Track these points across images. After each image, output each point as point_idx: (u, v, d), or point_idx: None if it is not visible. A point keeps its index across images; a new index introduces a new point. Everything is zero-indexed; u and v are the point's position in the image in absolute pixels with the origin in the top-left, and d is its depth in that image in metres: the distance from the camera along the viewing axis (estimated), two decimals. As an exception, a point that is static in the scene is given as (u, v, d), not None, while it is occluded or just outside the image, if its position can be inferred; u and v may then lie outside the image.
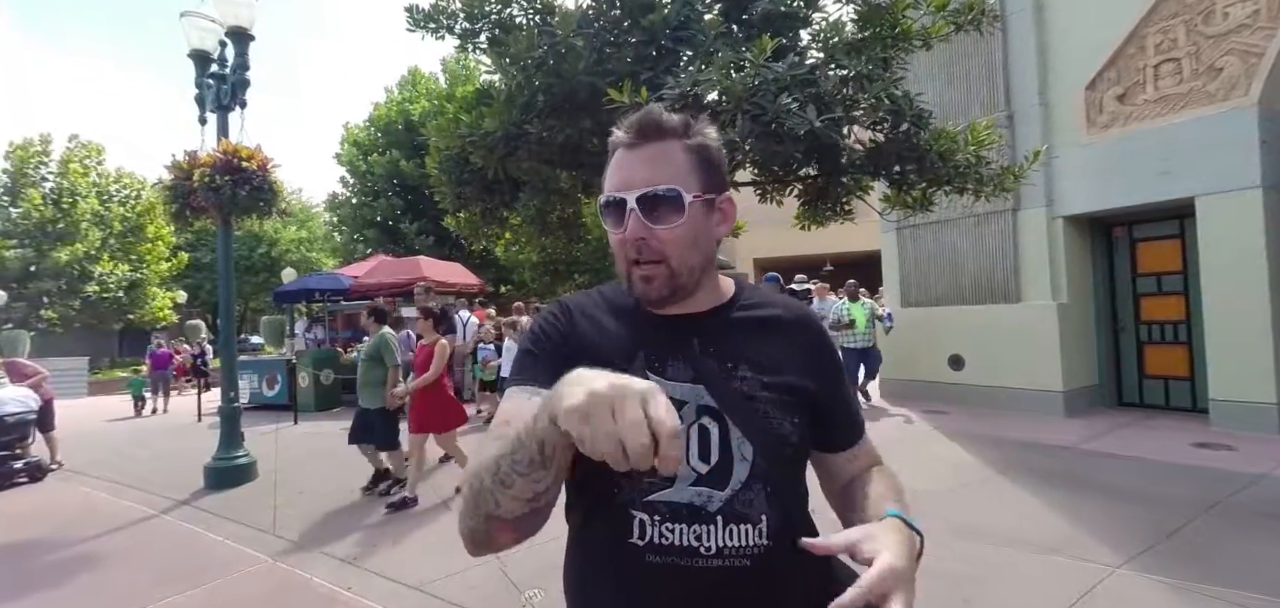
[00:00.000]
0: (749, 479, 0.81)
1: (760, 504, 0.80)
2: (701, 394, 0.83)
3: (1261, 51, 5.72)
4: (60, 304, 19.87)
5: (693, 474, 0.80)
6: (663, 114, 0.84)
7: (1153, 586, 3.01)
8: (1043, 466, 5.05)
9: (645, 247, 0.82)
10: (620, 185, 0.83)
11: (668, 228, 0.81)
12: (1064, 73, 7.03)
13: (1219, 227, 6.01)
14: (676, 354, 0.85)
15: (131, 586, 3.69)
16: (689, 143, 0.84)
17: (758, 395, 0.84)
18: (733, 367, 0.85)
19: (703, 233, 0.85)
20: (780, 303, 0.95)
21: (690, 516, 0.79)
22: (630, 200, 0.81)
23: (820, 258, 14.56)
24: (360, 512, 4.85)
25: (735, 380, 0.84)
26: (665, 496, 0.79)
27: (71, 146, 22.41)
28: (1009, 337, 7.30)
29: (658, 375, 0.83)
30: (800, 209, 5.78)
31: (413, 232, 17.72)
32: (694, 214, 0.83)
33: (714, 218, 0.87)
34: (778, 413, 0.84)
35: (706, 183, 0.84)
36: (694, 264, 0.84)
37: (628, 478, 0.79)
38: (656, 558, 0.79)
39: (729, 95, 3.00)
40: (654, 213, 0.81)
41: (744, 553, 0.78)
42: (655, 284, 0.83)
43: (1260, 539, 3.48)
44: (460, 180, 4.44)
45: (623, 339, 0.87)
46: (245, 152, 5.64)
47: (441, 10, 4.24)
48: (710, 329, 0.87)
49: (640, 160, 0.83)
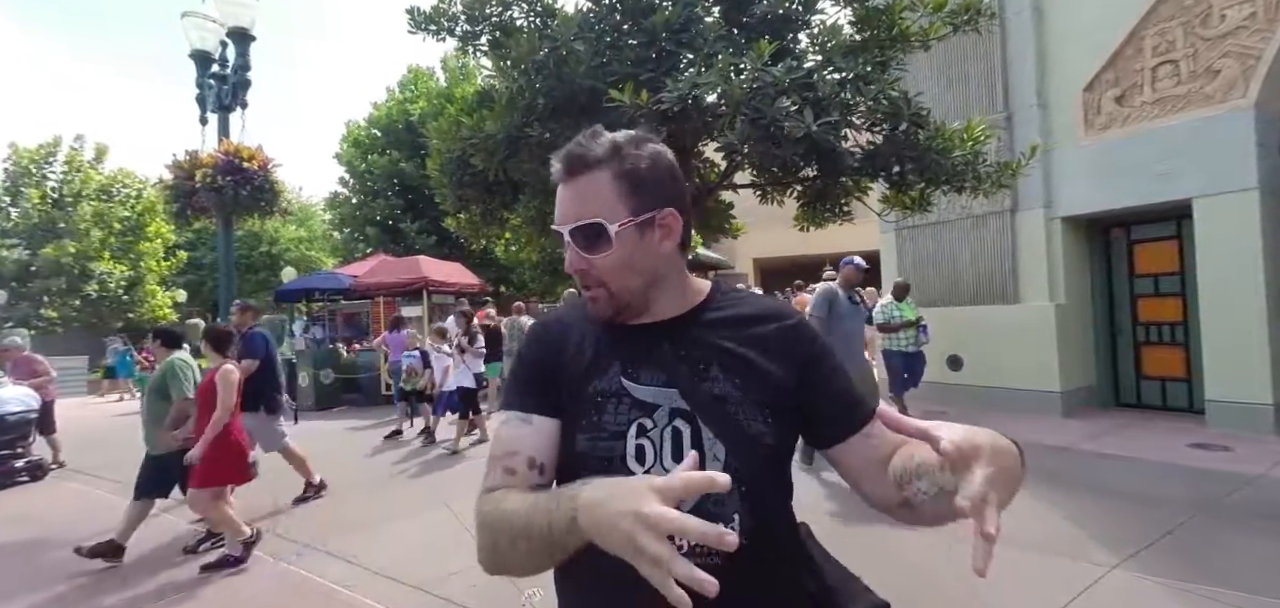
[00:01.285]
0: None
1: (732, 504, 0.83)
2: (674, 397, 0.86)
3: (1259, 54, 5.74)
4: (60, 303, 19.87)
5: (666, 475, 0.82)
6: (590, 145, 0.86)
7: (1149, 586, 3.03)
8: (1040, 466, 5.07)
9: (586, 275, 0.87)
10: (558, 219, 0.87)
11: (601, 256, 0.85)
12: (1062, 74, 7.05)
13: (1216, 228, 6.03)
14: (650, 360, 0.88)
15: (128, 585, 3.71)
16: (617, 169, 0.85)
17: (729, 396, 0.85)
18: (704, 368, 0.87)
19: (639, 255, 0.86)
20: (755, 302, 0.96)
21: None
22: (565, 234, 0.86)
23: (820, 258, 14.59)
24: (361, 511, 4.87)
25: (706, 382, 0.86)
26: None
27: (76, 146, 22.43)
28: (1007, 337, 7.32)
29: (632, 381, 0.87)
30: (799, 210, 5.81)
31: (413, 231, 17.73)
32: (624, 241, 0.85)
33: (654, 236, 0.88)
34: (750, 413, 0.85)
35: (638, 205, 0.85)
36: (634, 286, 0.87)
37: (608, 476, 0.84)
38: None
39: (728, 98, 3.02)
40: (587, 243, 0.85)
41: (715, 552, 0.76)
42: (600, 305, 0.88)
43: (1256, 540, 3.51)
44: (461, 182, 4.46)
45: (600, 351, 0.91)
46: (246, 152, 5.66)
47: (442, 12, 4.26)
48: (682, 333, 0.90)
49: (571, 195, 0.86)
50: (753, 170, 4.78)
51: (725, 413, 0.85)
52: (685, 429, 0.85)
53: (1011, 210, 7.37)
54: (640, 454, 0.85)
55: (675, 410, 0.86)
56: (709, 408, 0.85)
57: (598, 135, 0.87)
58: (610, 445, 0.86)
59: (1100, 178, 6.76)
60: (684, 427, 0.85)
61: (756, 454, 0.85)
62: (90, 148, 22.48)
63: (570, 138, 0.92)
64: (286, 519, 4.73)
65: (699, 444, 0.84)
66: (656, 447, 0.85)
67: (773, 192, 5.62)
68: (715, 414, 0.84)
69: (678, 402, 0.86)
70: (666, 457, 0.85)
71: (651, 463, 0.85)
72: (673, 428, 0.85)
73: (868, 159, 3.76)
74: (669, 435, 0.85)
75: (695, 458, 0.70)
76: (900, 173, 3.93)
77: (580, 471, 0.85)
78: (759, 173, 4.64)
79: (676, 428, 0.85)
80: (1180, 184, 6.19)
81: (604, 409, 0.87)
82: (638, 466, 0.85)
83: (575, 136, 0.88)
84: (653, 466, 0.85)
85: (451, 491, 5.21)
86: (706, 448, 0.84)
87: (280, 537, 4.36)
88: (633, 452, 0.85)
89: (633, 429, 0.85)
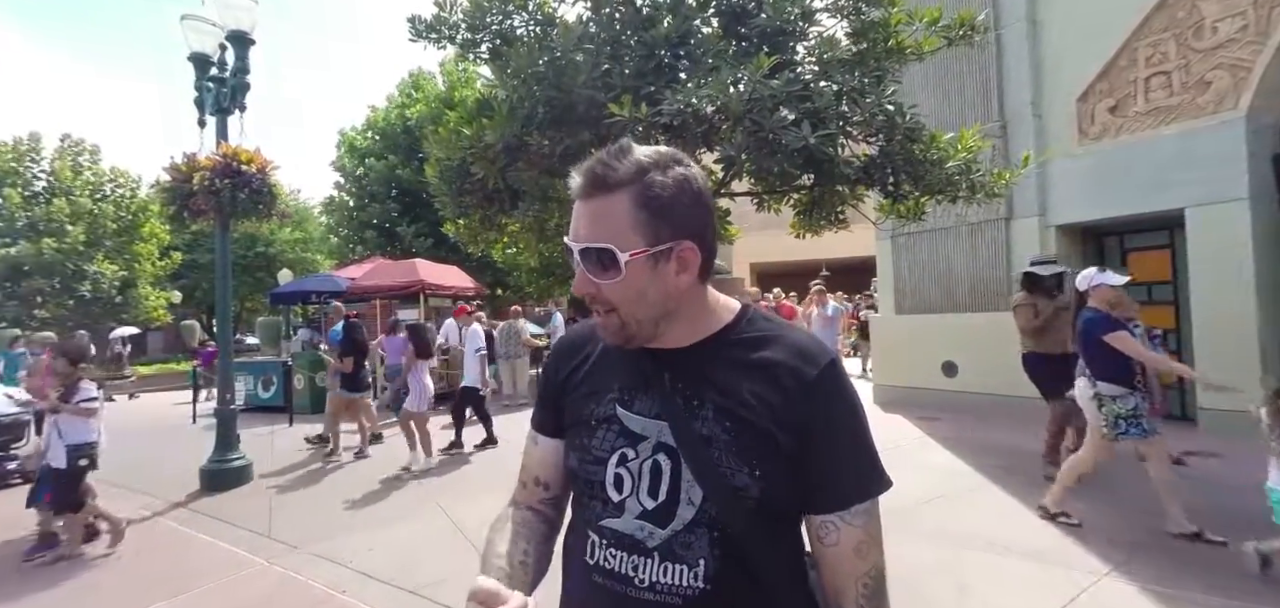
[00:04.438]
0: (693, 523, 0.80)
1: (701, 549, 0.80)
2: (664, 431, 0.83)
3: (1250, 66, 5.81)
4: (53, 304, 19.75)
5: (639, 508, 0.82)
6: (613, 163, 0.81)
7: (1140, 592, 3.07)
8: (1033, 472, 5.10)
9: (594, 299, 0.83)
10: (571, 236, 0.83)
11: (609, 283, 0.81)
12: (1057, 84, 7.12)
13: (1208, 238, 6.10)
14: (648, 389, 0.86)
15: (126, 589, 3.71)
16: (638, 195, 0.80)
17: (716, 438, 0.81)
18: (698, 406, 0.83)
19: (652, 286, 0.81)
20: (782, 340, 0.86)
21: (631, 546, 0.82)
22: (575, 252, 0.82)
23: (816, 263, 14.64)
24: (357, 515, 4.87)
25: (697, 421, 0.82)
26: (613, 522, 0.84)
27: (64, 145, 22.31)
28: (1001, 344, 7.35)
29: (626, 409, 0.86)
30: (796, 217, 5.85)
31: (411, 234, 17.71)
32: (635, 271, 0.80)
33: (669, 268, 0.82)
34: (736, 460, 0.79)
35: (655, 236, 0.80)
36: (644, 317, 0.83)
37: (592, 506, 0.87)
38: (599, 578, 0.84)
39: (727, 110, 3.05)
40: (596, 267, 0.81)
41: (677, 592, 0.79)
42: (609, 330, 0.85)
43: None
44: (461, 190, 4.48)
45: (602, 375, 0.91)
46: (245, 155, 5.66)
47: (443, 21, 4.28)
48: (686, 365, 0.86)
49: (585, 213, 0.82)
50: (750, 179, 4.81)
51: (708, 457, 0.80)
52: (666, 465, 0.82)
53: (1006, 218, 7.43)
54: (619, 483, 0.84)
55: (661, 444, 0.83)
56: (694, 448, 0.81)
57: (625, 153, 0.82)
58: (594, 469, 0.86)
59: (1094, 187, 6.83)
60: (665, 462, 0.82)
61: (738, 505, 0.79)
62: (79, 146, 22.36)
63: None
64: (279, 523, 4.73)
65: (677, 481, 0.81)
66: (634, 478, 0.84)
67: (769, 200, 5.66)
68: (698, 455, 0.80)
69: (666, 436, 0.83)
70: (643, 490, 0.83)
71: (629, 492, 0.83)
72: (654, 461, 0.83)
73: (863, 169, 3.80)
74: (648, 468, 0.83)
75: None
76: (895, 183, 3.97)
77: (575, 486, 0.91)
78: (756, 181, 4.68)
79: (657, 462, 0.83)
80: (1173, 194, 6.26)
81: (595, 432, 0.88)
82: (615, 492, 0.84)
83: (599, 152, 0.83)
84: (629, 495, 0.83)
85: (445, 495, 5.22)
86: (684, 489, 0.81)
87: (273, 540, 4.35)
88: (611, 479, 0.85)
89: (614, 457, 0.85)
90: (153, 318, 22.39)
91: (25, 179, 21.21)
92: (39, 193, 21.01)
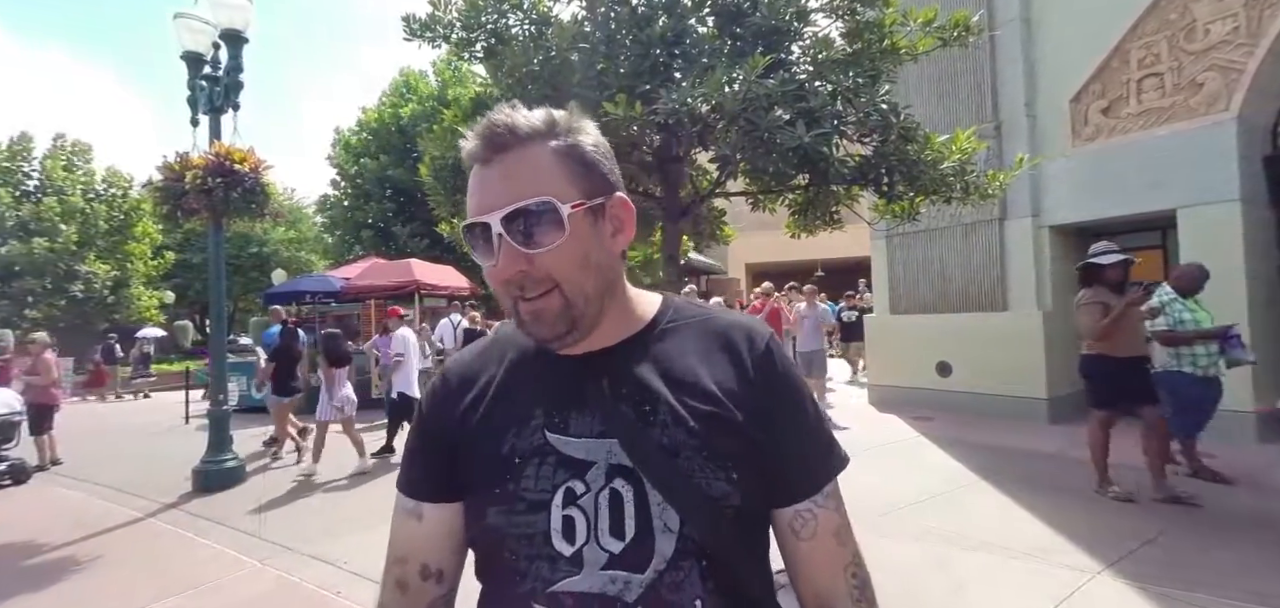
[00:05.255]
0: (676, 556, 0.64)
1: (693, 587, 0.64)
2: (614, 450, 0.67)
3: (1241, 67, 5.85)
4: (45, 303, 19.61)
5: (604, 556, 0.65)
6: (516, 115, 0.67)
7: (1132, 591, 3.08)
8: (1026, 471, 5.13)
9: (527, 278, 0.66)
10: (479, 209, 0.66)
11: (549, 249, 0.65)
12: (1050, 86, 7.15)
13: (1200, 239, 6.13)
14: (583, 403, 0.69)
15: (118, 591, 3.68)
16: (557, 144, 0.67)
17: (684, 445, 0.66)
18: (651, 410, 0.68)
19: (595, 248, 0.68)
20: (717, 319, 0.76)
21: (601, 604, 0.64)
22: (495, 224, 0.64)
23: (812, 263, 14.68)
24: (351, 515, 4.85)
25: (655, 429, 0.67)
26: (572, 584, 0.64)
27: (57, 145, 22.16)
28: (995, 344, 7.40)
29: (559, 434, 0.69)
30: (790, 218, 5.86)
31: (405, 234, 17.67)
32: (577, 227, 0.66)
33: (606, 228, 0.70)
34: (710, 467, 0.66)
35: (588, 188, 0.67)
36: (590, 290, 0.67)
37: (533, 566, 0.66)
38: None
39: (722, 110, 3.05)
40: (527, 235, 0.64)
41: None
42: (547, 320, 0.67)
43: (1237, 547, 3.57)
44: (455, 188, 4.46)
45: (515, 400, 0.72)
46: (238, 154, 5.62)
47: (438, 20, 4.27)
48: (624, 365, 0.71)
49: (498, 175, 0.66)
50: (745, 179, 4.82)
51: (677, 468, 0.65)
52: (626, 491, 0.66)
53: (1000, 219, 7.46)
54: (569, 529, 0.66)
55: (614, 467, 0.67)
56: (657, 463, 0.66)
57: (518, 108, 0.69)
58: (529, 521, 0.66)
59: (1087, 188, 6.87)
60: (624, 488, 0.66)
61: (720, 520, 0.66)
62: (71, 147, 22.21)
63: None
64: (273, 524, 4.70)
65: (645, 509, 0.65)
66: (590, 518, 0.66)
67: (764, 200, 5.67)
68: (665, 471, 0.65)
69: (618, 455, 0.67)
70: (603, 530, 0.65)
71: (584, 540, 0.65)
72: (611, 491, 0.66)
73: (858, 169, 3.81)
74: (606, 500, 0.66)
75: None
76: (889, 183, 3.98)
77: (501, 551, 0.68)
78: (751, 181, 4.68)
79: (614, 491, 0.66)
80: (1165, 194, 6.30)
81: (522, 472, 0.68)
82: (566, 543, 0.65)
83: (490, 113, 0.69)
84: (586, 542, 0.65)
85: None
86: (655, 515, 0.65)
87: (266, 542, 4.33)
88: (558, 526, 0.66)
89: (558, 496, 0.66)
90: (145, 318, 22.26)
91: (16, 178, 21.07)
92: (30, 192, 20.87)
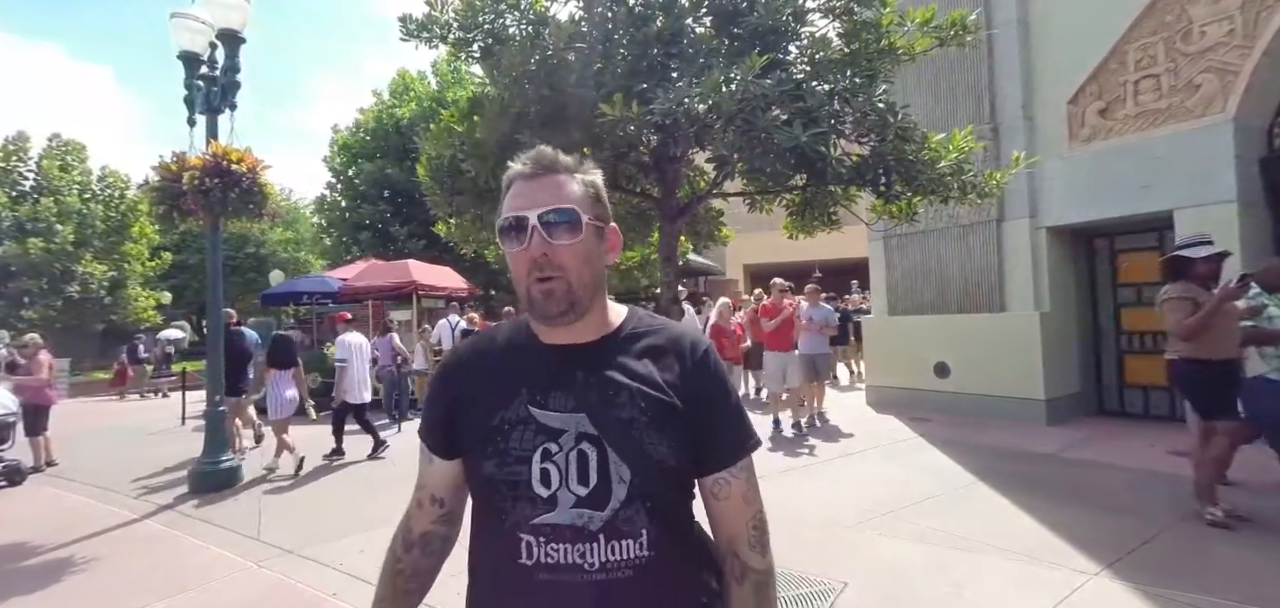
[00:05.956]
0: (628, 499, 0.88)
1: (640, 521, 0.88)
2: (583, 422, 0.90)
3: (1238, 69, 5.87)
4: (41, 304, 19.55)
5: (573, 497, 0.88)
6: (557, 155, 0.95)
7: (1130, 592, 3.08)
8: (1024, 472, 5.13)
9: (547, 261, 0.89)
10: (523, 206, 0.91)
11: (566, 244, 0.89)
12: (1048, 87, 7.16)
13: (1196, 240, 6.14)
14: (560, 385, 0.92)
15: (114, 593, 3.66)
16: (583, 178, 0.94)
17: (635, 419, 0.90)
18: (613, 394, 0.91)
19: (595, 254, 0.94)
20: (666, 330, 1.01)
21: (573, 536, 0.87)
22: (533, 218, 0.89)
23: (810, 264, 14.67)
24: (346, 517, 4.83)
25: (614, 408, 0.91)
26: (548, 518, 0.87)
27: (52, 145, 22.10)
28: (993, 345, 7.41)
29: (539, 408, 0.91)
30: (788, 218, 5.84)
31: (403, 234, 17.65)
32: (588, 235, 0.92)
33: (603, 245, 0.97)
34: (653, 436, 0.90)
35: (598, 213, 0.95)
36: (587, 281, 0.92)
37: (519, 507, 0.89)
38: (546, 576, 0.87)
39: (719, 109, 3.05)
40: (554, 231, 0.89)
41: (626, 565, 0.87)
42: (555, 296, 0.90)
43: (1235, 547, 3.57)
44: (453, 188, 4.43)
45: (506, 379, 0.95)
46: (235, 154, 5.60)
47: (435, 20, 4.25)
48: (594, 358, 0.94)
49: (540, 187, 0.91)
50: (743, 180, 4.80)
51: (630, 437, 0.89)
52: (592, 452, 0.89)
53: (998, 220, 7.47)
54: (546, 478, 0.89)
55: (582, 434, 0.90)
56: (616, 432, 0.89)
57: (557, 150, 0.96)
58: (516, 470, 0.90)
59: (1084, 189, 6.88)
60: (590, 450, 0.89)
61: (660, 475, 0.90)
62: (66, 147, 22.15)
63: (560, 146, 0.98)
64: (269, 525, 4.69)
65: (605, 466, 0.89)
66: (562, 470, 0.89)
67: (761, 201, 5.66)
68: (622, 438, 0.89)
69: (586, 426, 0.90)
70: (572, 478, 0.88)
71: (557, 485, 0.88)
72: (579, 451, 0.89)
73: (856, 169, 3.79)
74: (574, 458, 0.89)
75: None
76: (887, 182, 3.97)
77: (491, 494, 0.91)
78: (749, 182, 4.66)
79: (583, 451, 0.89)
80: (1161, 196, 6.31)
81: (510, 436, 0.91)
82: (543, 488, 0.88)
83: (567, 137, 0.90)
84: (558, 488, 0.88)
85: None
86: (613, 469, 0.89)
87: (263, 543, 4.32)
88: (537, 476, 0.89)
89: (537, 454, 0.89)
90: (142, 319, 22.20)
91: (12, 178, 21.00)
92: (26, 192, 20.81)
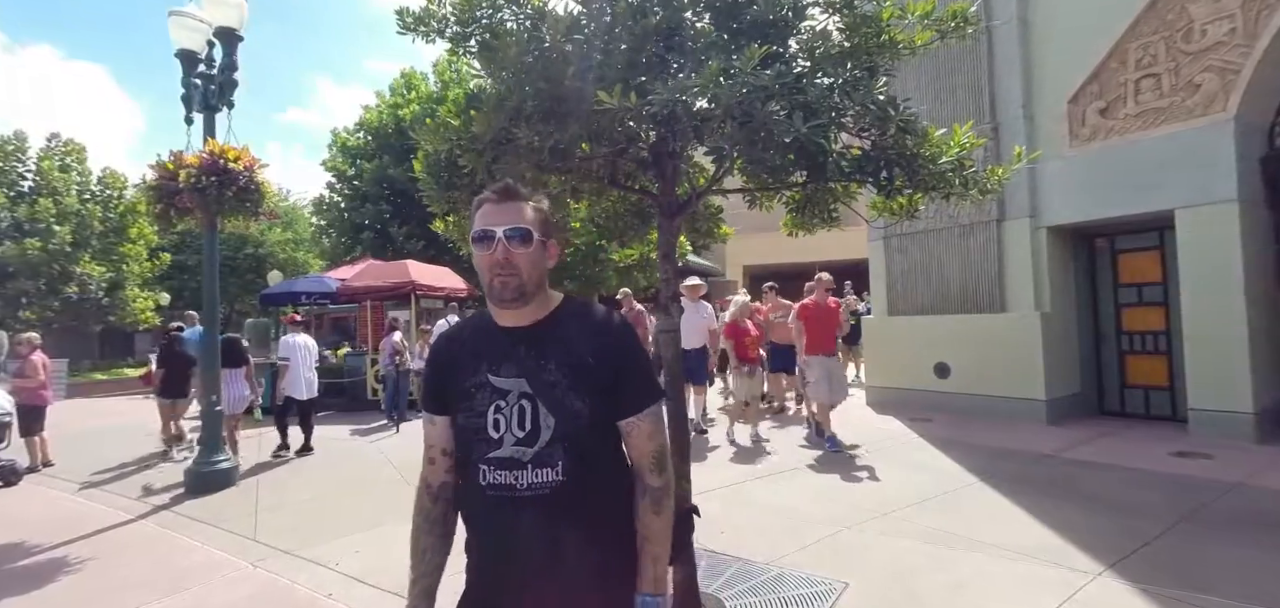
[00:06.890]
0: (551, 440, 1.21)
1: (558, 455, 1.21)
2: (523, 385, 1.24)
3: (1238, 68, 5.85)
4: (39, 305, 19.51)
5: (514, 439, 1.22)
6: (517, 187, 1.30)
7: (1132, 593, 3.05)
8: (1025, 473, 5.10)
9: (506, 264, 1.23)
10: (492, 223, 1.25)
11: (521, 252, 1.23)
12: (1048, 86, 7.14)
13: (1197, 239, 6.13)
14: (508, 357, 1.26)
15: (110, 593, 3.63)
16: (533, 207, 1.29)
17: (559, 382, 1.23)
18: (545, 362, 1.24)
19: (540, 259, 1.28)
20: (590, 314, 1.34)
21: (511, 465, 1.21)
22: (500, 233, 1.23)
23: (810, 265, 14.67)
24: (342, 517, 4.80)
25: (544, 373, 1.24)
26: (496, 453, 1.22)
27: (51, 145, 22.08)
28: (993, 345, 7.39)
29: (495, 376, 1.25)
30: (788, 216, 5.81)
31: (402, 235, 17.61)
32: (536, 247, 1.26)
33: (546, 255, 1.31)
34: (572, 395, 1.23)
35: (545, 231, 1.30)
36: (536, 280, 1.27)
37: (479, 446, 1.24)
38: (492, 492, 1.23)
39: (718, 103, 3.02)
40: (513, 242, 1.23)
41: (546, 486, 1.21)
42: (511, 286, 1.24)
43: (1236, 547, 3.54)
44: (449, 184, 4.39)
45: (474, 355, 1.30)
46: (232, 152, 5.57)
47: (432, 14, 4.21)
48: (533, 337, 1.27)
49: (506, 209, 1.26)
50: (742, 175, 4.77)
51: (555, 395, 1.22)
52: (528, 407, 1.23)
53: (998, 220, 7.45)
54: (496, 425, 1.23)
55: (522, 394, 1.24)
56: (545, 391, 1.23)
57: (517, 183, 1.35)
58: (478, 421, 1.25)
59: (1085, 188, 6.85)
60: (527, 405, 1.23)
61: (575, 421, 1.22)
62: (66, 147, 22.13)
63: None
64: (265, 526, 4.65)
65: (537, 417, 1.22)
66: (507, 420, 1.23)
67: (761, 198, 5.63)
68: (549, 395, 1.23)
69: (525, 387, 1.24)
70: (514, 425, 1.22)
71: (504, 431, 1.23)
72: (519, 406, 1.23)
73: (857, 164, 3.75)
74: (516, 411, 1.23)
75: None
76: (888, 177, 3.92)
77: (464, 438, 1.29)
78: (748, 178, 4.63)
79: (521, 405, 1.23)
80: (1162, 195, 6.29)
81: (475, 397, 1.26)
82: (494, 432, 1.23)
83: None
84: (504, 432, 1.22)
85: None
86: (541, 418, 1.22)
87: (259, 543, 4.28)
88: (491, 424, 1.23)
89: (491, 409, 1.24)
90: (140, 320, 22.15)
91: (11, 179, 20.97)
92: (25, 193, 20.78)
